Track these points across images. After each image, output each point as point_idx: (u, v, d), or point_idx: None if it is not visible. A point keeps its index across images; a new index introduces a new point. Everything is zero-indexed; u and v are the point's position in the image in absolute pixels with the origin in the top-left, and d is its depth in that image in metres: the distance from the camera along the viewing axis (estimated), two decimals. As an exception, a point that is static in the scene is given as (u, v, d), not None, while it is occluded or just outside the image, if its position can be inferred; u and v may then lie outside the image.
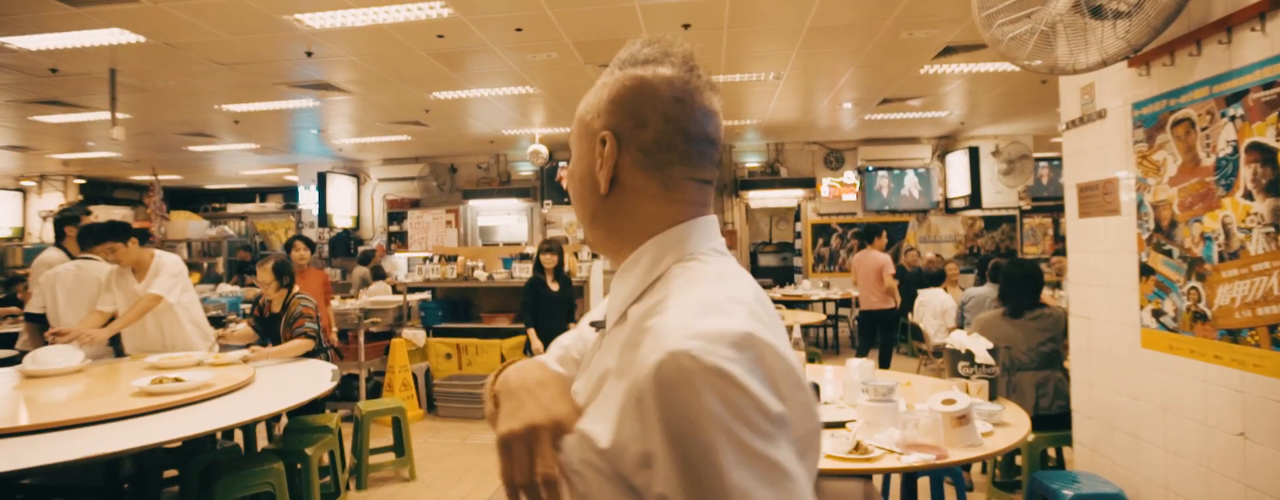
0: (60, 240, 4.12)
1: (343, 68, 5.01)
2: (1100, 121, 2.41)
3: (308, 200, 10.75)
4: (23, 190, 10.49)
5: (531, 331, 4.38)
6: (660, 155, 0.63)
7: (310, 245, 4.80)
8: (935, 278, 6.28)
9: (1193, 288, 2.01)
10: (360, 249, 8.66)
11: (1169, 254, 2.11)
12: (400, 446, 3.72)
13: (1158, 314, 2.16)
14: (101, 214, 5.11)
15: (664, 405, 0.45)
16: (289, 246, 4.71)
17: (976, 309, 4.72)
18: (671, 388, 0.45)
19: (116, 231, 3.39)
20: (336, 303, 5.24)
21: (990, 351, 2.15)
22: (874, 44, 4.67)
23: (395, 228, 9.72)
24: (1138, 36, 1.97)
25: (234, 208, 12.14)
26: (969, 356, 2.17)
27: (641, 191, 0.63)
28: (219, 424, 2.10)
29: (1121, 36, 2.00)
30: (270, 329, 3.42)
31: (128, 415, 2.17)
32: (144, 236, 3.56)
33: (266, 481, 2.57)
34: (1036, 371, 2.72)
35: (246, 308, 6.27)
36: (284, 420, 3.25)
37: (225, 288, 7.66)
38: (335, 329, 4.80)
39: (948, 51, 4.90)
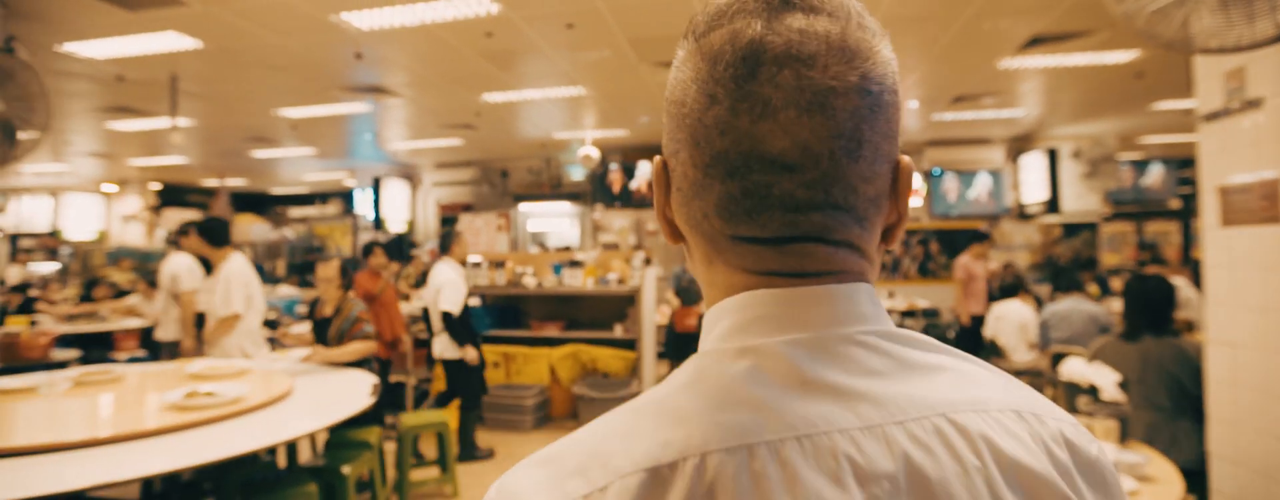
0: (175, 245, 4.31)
1: (393, 70, 4.94)
2: (1253, 112, 2.03)
3: (364, 204, 10.91)
4: (105, 195, 11.01)
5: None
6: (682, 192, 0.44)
7: (388, 252, 4.60)
8: (1010, 289, 5.80)
9: (1388, 314, 1.63)
10: (412, 251, 8.68)
11: (1351, 272, 1.73)
12: (444, 461, 3.56)
13: (1333, 344, 1.77)
14: (172, 216, 5.26)
15: None
16: (367, 252, 4.57)
17: (1062, 326, 4.27)
18: None
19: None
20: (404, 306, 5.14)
21: (1121, 385, 1.80)
22: (951, 35, 4.29)
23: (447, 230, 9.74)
24: (1315, 6, 1.61)
25: (295, 212, 12.46)
26: (1092, 391, 1.83)
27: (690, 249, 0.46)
28: (244, 448, 1.96)
29: (1289, 8, 1.64)
30: (322, 332, 3.34)
31: (157, 432, 2.07)
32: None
33: (300, 502, 2.43)
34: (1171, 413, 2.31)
35: (302, 310, 6.31)
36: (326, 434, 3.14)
37: (285, 289, 7.78)
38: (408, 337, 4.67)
39: (1034, 42, 4.48)
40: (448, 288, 3.94)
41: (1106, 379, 1.81)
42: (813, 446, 0.35)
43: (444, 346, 4.02)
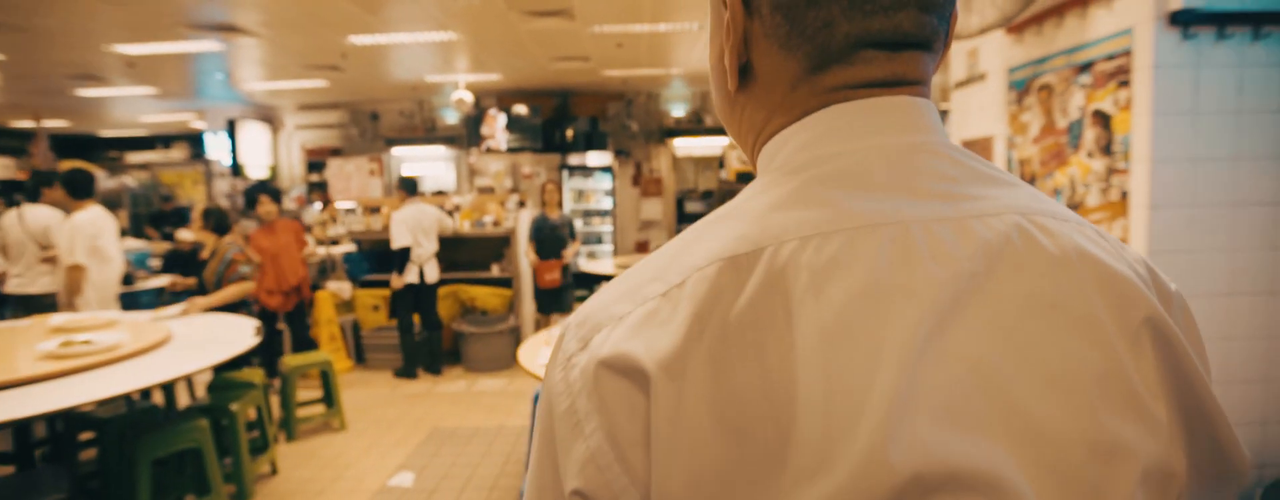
0: (35, 199, 3.98)
1: (249, 8, 4.72)
2: (982, 83, 2.63)
3: (217, 148, 10.16)
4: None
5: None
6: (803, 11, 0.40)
7: (276, 196, 4.47)
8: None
9: (1045, 236, 2.29)
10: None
11: (1029, 206, 2.38)
12: (330, 398, 3.77)
13: (1019, 259, 2.44)
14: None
15: None
16: (252, 200, 4.41)
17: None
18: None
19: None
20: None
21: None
22: None
23: (315, 177, 9.35)
24: (1012, 7, 2.15)
25: (134, 157, 11.33)
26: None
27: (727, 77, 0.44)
28: (135, 385, 2.10)
29: (998, 6, 2.18)
30: (200, 276, 3.42)
31: (35, 380, 2.12)
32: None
33: (191, 439, 2.58)
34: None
35: (155, 264, 6.02)
36: (208, 379, 3.25)
37: (131, 242, 7.26)
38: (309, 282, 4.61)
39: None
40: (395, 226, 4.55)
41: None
42: (888, 234, 0.35)
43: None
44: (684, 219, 9.87)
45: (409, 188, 4.78)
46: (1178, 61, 1.85)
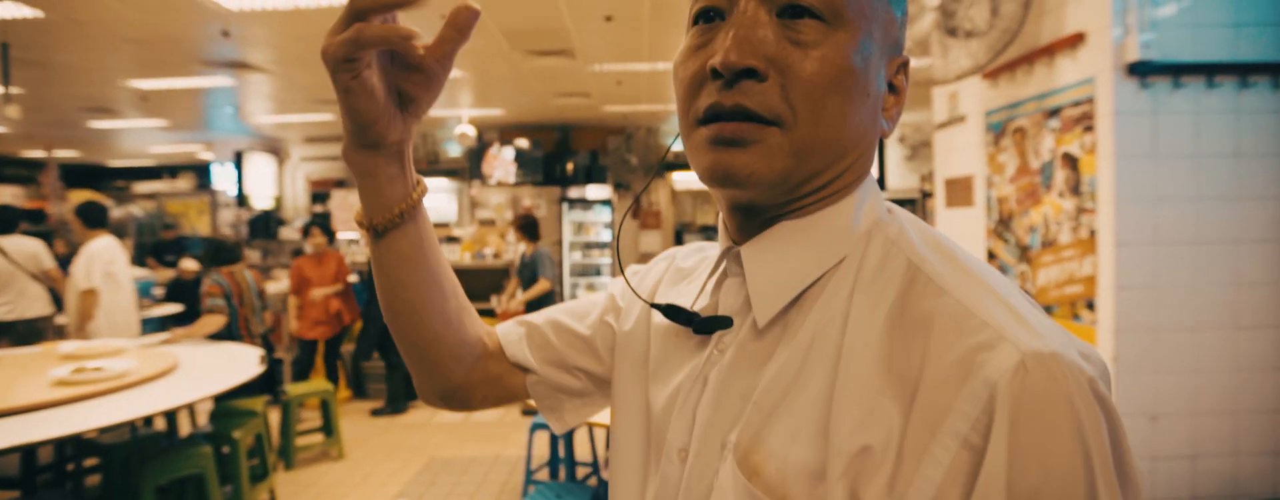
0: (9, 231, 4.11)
1: (262, 48, 4.91)
2: (962, 125, 2.76)
3: (224, 179, 10.33)
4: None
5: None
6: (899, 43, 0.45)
7: (327, 231, 4.61)
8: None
9: (1022, 270, 2.39)
10: (281, 229, 8.46)
11: (1007, 241, 2.48)
12: (329, 427, 3.82)
13: (999, 293, 2.54)
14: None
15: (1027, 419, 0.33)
16: (306, 233, 4.61)
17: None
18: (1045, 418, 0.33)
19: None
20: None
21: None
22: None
23: (319, 208, 9.49)
24: (985, 56, 2.29)
25: (141, 187, 11.50)
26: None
27: (877, 107, 0.45)
28: (143, 411, 2.17)
29: (971, 55, 2.32)
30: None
31: (46, 405, 2.17)
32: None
33: (195, 465, 2.63)
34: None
35: (158, 292, 6.11)
36: (209, 407, 3.31)
37: (136, 271, 7.35)
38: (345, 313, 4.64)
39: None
40: None
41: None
42: None
43: None
44: (682, 251, 9.93)
45: None
46: (1137, 109, 1.98)
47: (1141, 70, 1.95)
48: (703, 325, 0.47)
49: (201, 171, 11.36)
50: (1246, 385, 2.00)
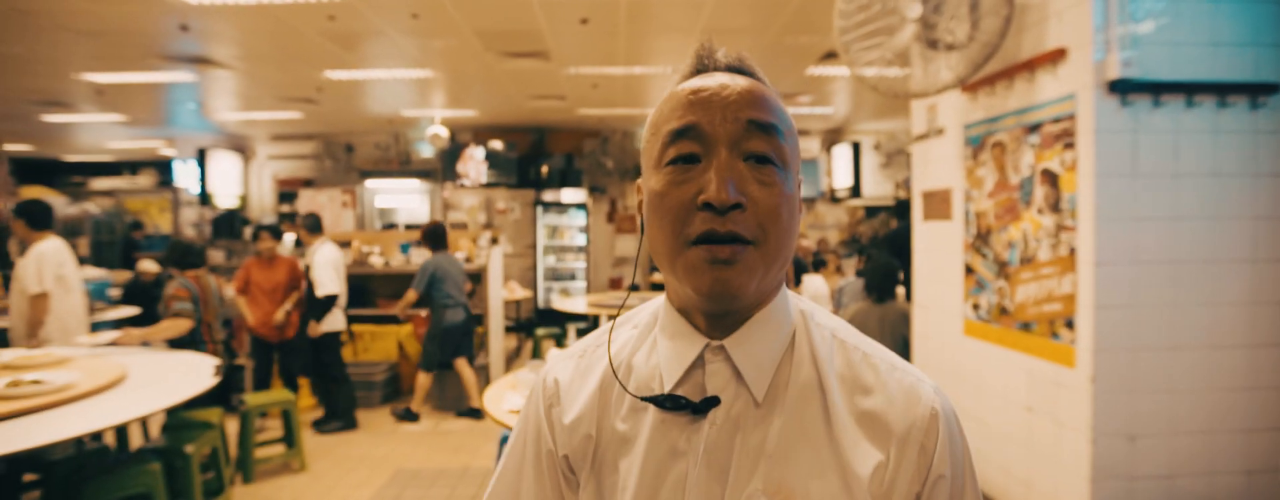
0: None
1: (224, 43, 4.74)
2: (940, 138, 2.74)
3: (186, 176, 10.02)
4: None
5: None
6: None
7: (277, 234, 4.36)
8: (817, 264, 6.75)
9: (1001, 286, 2.37)
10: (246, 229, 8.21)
11: (985, 256, 2.46)
12: (291, 438, 3.67)
13: (976, 307, 2.51)
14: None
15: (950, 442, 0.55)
16: (255, 237, 4.33)
17: (854, 295, 5.17)
18: (952, 429, 0.55)
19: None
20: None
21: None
22: (763, 46, 4.94)
23: (286, 208, 9.24)
24: (964, 70, 2.27)
25: (99, 183, 11.09)
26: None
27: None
28: (83, 429, 2.04)
29: (951, 68, 2.30)
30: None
31: None
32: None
33: (142, 484, 2.49)
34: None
35: (114, 293, 5.86)
36: (162, 418, 3.16)
37: (91, 271, 7.06)
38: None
39: (830, 56, 5.25)
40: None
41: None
42: None
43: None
44: (657, 255, 9.87)
45: (314, 226, 4.41)
46: (1118, 127, 1.97)
47: (1122, 88, 1.94)
48: (700, 407, 0.56)
49: (163, 168, 11.00)
50: (1224, 404, 2.00)
